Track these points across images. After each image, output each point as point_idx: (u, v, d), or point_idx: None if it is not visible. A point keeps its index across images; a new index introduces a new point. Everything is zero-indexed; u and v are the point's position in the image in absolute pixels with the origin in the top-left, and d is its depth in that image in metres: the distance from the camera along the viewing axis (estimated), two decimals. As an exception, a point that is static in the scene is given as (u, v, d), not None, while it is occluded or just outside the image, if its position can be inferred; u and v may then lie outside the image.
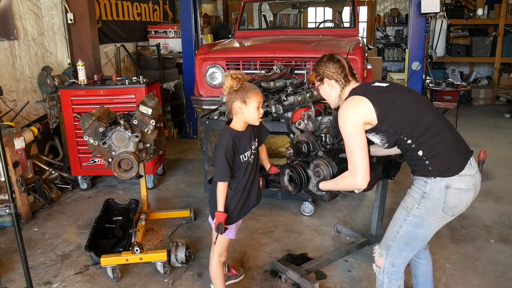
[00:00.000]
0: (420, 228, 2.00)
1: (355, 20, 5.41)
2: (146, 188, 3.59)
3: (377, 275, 2.18)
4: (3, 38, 4.26)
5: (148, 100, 3.15)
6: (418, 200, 1.97)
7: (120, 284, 2.85)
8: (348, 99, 2.04)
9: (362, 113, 1.96)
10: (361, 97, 2.00)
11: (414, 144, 1.94)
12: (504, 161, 5.15)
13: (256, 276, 2.91)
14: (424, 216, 1.98)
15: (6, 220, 3.61)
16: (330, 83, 2.15)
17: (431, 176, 1.92)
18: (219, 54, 4.44)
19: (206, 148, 4.02)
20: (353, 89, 2.10)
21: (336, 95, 2.17)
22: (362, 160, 1.93)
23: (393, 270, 2.12)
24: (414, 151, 1.95)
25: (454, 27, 8.85)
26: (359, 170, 1.94)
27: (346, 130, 1.97)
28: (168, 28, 7.21)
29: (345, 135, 1.98)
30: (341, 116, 1.99)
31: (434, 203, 1.94)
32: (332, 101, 2.23)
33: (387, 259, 2.11)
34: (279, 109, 3.50)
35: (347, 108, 1.99)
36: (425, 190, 1.95)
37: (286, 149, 2.46)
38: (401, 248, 2.07)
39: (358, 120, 1.95)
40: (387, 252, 2.10)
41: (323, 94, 2.24)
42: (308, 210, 3.78)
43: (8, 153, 3.57)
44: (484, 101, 8.70)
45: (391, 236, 2.08)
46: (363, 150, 1.94)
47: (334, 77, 2.13)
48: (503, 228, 3.52)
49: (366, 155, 1.95)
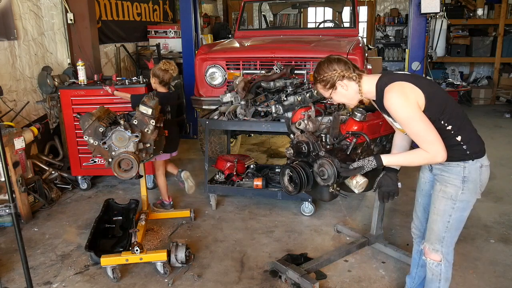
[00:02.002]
0: (467, 210, 2.10)
1: (355, 20, 5.41)
2: (146, 188, 3.59)
3: (432, 267, 2.21)
4: (3, 38, 4.26)
5: (148, 100, 3.14)
6: (460, 185, 2.04)
7: (120, 284, 2.85)
8: (393, 87, 1.95)
9: (416, 97, 1.93)
10: (405, 82, 1.95)
11: (454, 130, 1.99)
12: (504, 161, 5.15)
13: (256, 276, 2.91)
14: (469, 198, 2.07)
15: (6, 220, 3.61)
16: (344, 84, 2.07)
17: (469, 159, 2.01)
18: (219, 54, 4.44)
19: (206, 148, 4.02)
20: (382, 78, 2.04)
21: (354, 92, 2.09)
22: (436, 135, 1.92)
23: (448, 258, 2.19)
24: (453, 137, 2.00)
25: (454, 27, 8.84)
26: (436, 144, 1.91)
27: (408, 114, 1.92)
28: (168, 28, 7.21)
29: (408, 119, 1.92)
30: (397, 104, 1.93)
31: (474, 184, 2.04)
32: (352, 101, 2.15)
33: (443, 250, 2.16)
34: (279, 109, 3.50)
35: (401, 94, 1.93)
36: (464, 174, 2.03)
37: (286, 149, 2.46)
38: (453, 235, 2.15)
39: (415, 103, 1.92)
40: (442, 244, 2.15)
41: (340, 99, 2.15)
42: (308, 210, 3.78)
43: (8, 153, 3.57)
44: (484, 101, 8.70)
45: (442, 228, 2.12)
46: (432, 128, 1.92)
47: (345, 76, 2.05)
48: (503, 228, 3.52)
49: (436, 131, 1.93)
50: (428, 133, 1.92)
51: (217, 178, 4.01)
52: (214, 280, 2.87)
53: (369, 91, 2.07)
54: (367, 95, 2.10)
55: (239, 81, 3.70)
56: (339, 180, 2.19)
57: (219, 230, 3.57)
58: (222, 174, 4.01)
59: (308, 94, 3.60)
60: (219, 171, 4.04)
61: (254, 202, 4.08)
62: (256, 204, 4.05)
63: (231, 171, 3.98)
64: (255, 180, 3.81)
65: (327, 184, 2.22)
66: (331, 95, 2.14)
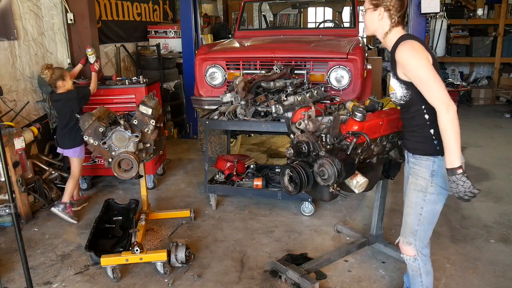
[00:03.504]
0: (439, 203, 2.12)
1: (355, 20, 5.41)
2: (146, 188, 3.59)
3: (410, 263, 2.25)
4: (3, 38, 4.26)
5: (148, 100, 3.15)
6: (429, 178, 2.06)
7: (120, 284, 2.85)
8: (409, 41, 1.97)
9: (428, 56, 1.94)
10: (422, 45, 1.97)
11: (429, 121, 2.01)
12: (504, 161, 5.15)
13: (256, 276, 2.91)
14: (439, 191, 2.08)
15: (6, 220, 3.61)
16: (383, 15, 2.06)
17: (438, 155, 2.02)
18: (219, 54, 4.44)
19: (206, 148, 4.03)
20: (407, 35, 2.05)
21: (381, 29, 2.09)
22: (445, 91, 1.89)
23: (423, 252, 2.21)
24: (428, 129, 2.02)
25: (454, 27, 8.84)
26: (446, 92, 1.88)
27: (419, 63, 1.91)
28: (168, 28, 7.21)
29: (419, 67, 1.91)
30: (408, 54, 1.93)
31: (443, 178, 2.04)
32: (371, 30, 2.14)
33: (417, 244, 2.19)
34: (279, 109, 3.50)
35: (414, 47, 1.94)
36: (433, 168, 2.05)
37: (286, 149, 2.46)
38: (427, 228, 2.17)
39: (426, 57, 1.93)
40: (415, 238, 2.18)
41: (368, 20, 2.13)
42: (308, 210, 3.78)
43: (8, 153, 3.57)
44: (484, 101, 8.70)
45: (415, 221, 2.15)
46: (441, 81, 1.91)
47: (391, 11, 2.04)
48: (503, 228, 3.52)
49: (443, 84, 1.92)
50: (437, 81, 1.89)
51: (217, 178, 4.01)
52: (214, 280, 2.87)
53: (390, 40, 2.08)
54: (387, 42, 2.11)
55: (239, 81, 3.70)
56: (339, 180, 2.20)
57: (219, 230, 3.57)
58: (222, 174, 4.01)
59: (308, 94, 3.60)
60: (219, 171, 4.04)
61: (254, 202, 4.08)
62: (256, 204, 4.05)
63: (231, 171, 3.98)
64: (255, 180, 3.81)
65: (327, 184, 2.22)
66: (366, 11, 2.12)
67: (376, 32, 2.13)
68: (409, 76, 1.98)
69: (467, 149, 5.61)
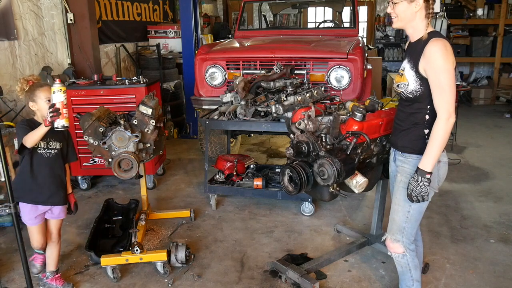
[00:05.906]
0: (425, 202, 2.13)
1: (355, 20, 5.41)
2: (146, 188, 3.59)
3: (399, 260, 2.29)
4: (3, 38, 4.26)
5: (148, 100, 3.14)
6: None
7: (120, 284, 2.85)
8: (443, 41, 1.98)
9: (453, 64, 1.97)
10: (452, 52, 1.99)
11: (427, 122, 2.05)
12: (504, 161, 5.15)
13: (256, 276, 2.91)
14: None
15: (6, 220, 3.61)
16: (419, 6, 2.03)
17: None
18: (219, 54, 4.44)
19: (206, 148, 4.03)
20: (438, 32, 2.07)
21: (414, 21, 2.06)
22: (454, 101, 1.95)
23: (410, 248, 2.26)
24: (423, 128, 2.07)
25: (454, 27, 8.84)
26: (453, 116, 1.95)
27: (445, 65, 1.94)
28: (168, 28, 7.21)
29: (443, 68, 1.94)
30: (440, 52, 1.94)
31: (432, 177, 2.05)
32: (404, 22, 2.09)
33: (404, 240, 2.22)
34: (279, 109, 3.50)
35: (447, 48, 1.96)
36: None
37: (286, 149, 2.46)
38: (414, 225, 2.22)
39: (453, 62, 1.96)
40: (402, 235, 2.22)
41: (401, 10, 2.07)
42: (308, 210, 3.78)
43: (8, 153, 3.56)
44: (484, 101, 8.71)
45: (403, 218, 2.19)
46: (455, 91, 1.96)
47: (429, 2, 2.03)
48: (503, 228, 3.52)
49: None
50: (452, 91, 1.94)
51: (217, 178, 4.01)
52: (214, 280, 2.87)
53: (419, 31, 2.07)
54: (414, 34, 2.10)
55: (239, 81, 3.70)
56: (339, 180, 2.20)
57: (219, 230, 3.57)
58: (222, 174, 4.01)
59: (308, 94, 3.60)
60: (219, 171, 4.04)
61: (254, 202, 4.08)
62: (256, 204, 4.05)
63: (231, 171, 3.98)
64: (255, 180, 3.82)
65: (327, 184, 2.23)
66: (400, 4, 2.06)
67: (410, 23, 2.09)
68: (428, 73, 1.99)
69: (467, 149, 5.61)
